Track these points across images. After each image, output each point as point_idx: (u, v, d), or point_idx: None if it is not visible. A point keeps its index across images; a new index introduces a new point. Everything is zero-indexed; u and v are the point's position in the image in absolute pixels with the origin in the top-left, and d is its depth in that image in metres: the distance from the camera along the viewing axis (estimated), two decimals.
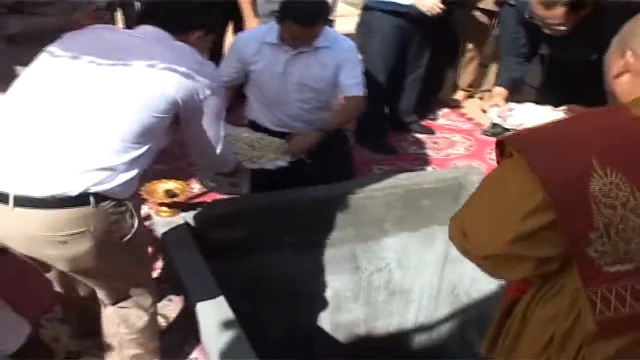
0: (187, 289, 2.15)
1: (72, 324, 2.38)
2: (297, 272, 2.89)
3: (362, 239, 2.99)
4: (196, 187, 3.46)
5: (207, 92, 1.90)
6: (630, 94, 1.16)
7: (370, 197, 2.89)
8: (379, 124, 4.32)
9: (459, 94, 5.19)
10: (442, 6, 3.85)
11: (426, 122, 4.73)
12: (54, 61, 1.84)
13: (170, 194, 2.51)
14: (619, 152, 1.08)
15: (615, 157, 1.07)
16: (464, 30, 4.95)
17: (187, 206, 2.67)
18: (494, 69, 4.82)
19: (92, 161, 1.70)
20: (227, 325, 1.96)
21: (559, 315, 1.17)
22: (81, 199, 1.69)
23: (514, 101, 3.09)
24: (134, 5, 3.70)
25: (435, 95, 4.99)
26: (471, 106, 5.08)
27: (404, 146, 4.34)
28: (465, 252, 1.21)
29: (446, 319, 3.29)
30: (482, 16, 4.86)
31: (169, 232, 2.43)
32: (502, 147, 1.19)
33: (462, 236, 1.20)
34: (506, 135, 1.22)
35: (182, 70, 1.83)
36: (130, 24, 3.85)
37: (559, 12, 2.60)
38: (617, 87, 1.19)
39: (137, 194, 1.93)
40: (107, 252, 1.80)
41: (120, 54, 1.83)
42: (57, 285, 2.17)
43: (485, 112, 3.06)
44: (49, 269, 2.03)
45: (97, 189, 1.70)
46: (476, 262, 1.20)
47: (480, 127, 4.65)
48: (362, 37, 4.05)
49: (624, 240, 1.07)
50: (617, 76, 1.18)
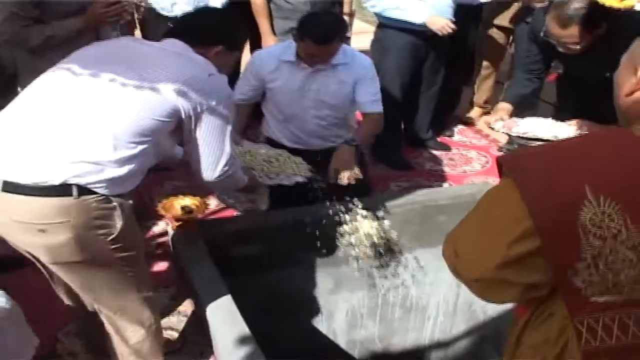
0: (203, 304, 2.15)
1: (84, 338, 2.39)
2: (313, 288, 2.89)
3: (378, 255, 2.98)
4: (213, 203, 3.48)
5: (212, 104, 1.90)
6: None
7: (387, 213, 2.89)
8: (395, 140, 4.33)
9: (475, 111, 5.19)
10: (453, 26, 3.89)
11: (442, 139, 4.74)
12: (63, 68, 1.91)
13: (186, 210, 2.53)
14: (616, 181, 1.05)
15: (611, 185, 1.04)
16: (480, 47, 4.96)
17: (203, 222, 2.69)
18: (501, 98, 4.82)
19: (78, 154, 1.75)
20: (243, 340, 1.95)
21: (548, 341, 1.15)
22: (63, 190, 1.73)
23: (523, 116, 3.10)
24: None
25: (451, 112, 5.00)
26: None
27: (420, 162, 4.35)
28: (455, 272, 1.20)
29: (462, 336, 3.26)
30: (498, 34, 4.88)
31: (185, 248, 2.44)
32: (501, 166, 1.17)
33: (455, 256, 1.18)
34: (502, 154, 1.21)
35: (187, 77, 1.86)
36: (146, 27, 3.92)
37: (574, 31, 2.60)
38: (628, 105, 1.14)
39: (138, 196, 1.95)
40: (88, 247, 1.81)
41: (130, 61, 1.89)
42: (65, 297, 2.18)
43: (490, 127, 3.05)
44: (52, 276, 2.05)
45: (78, 180, 1.74)
46: (466, 284, 1.19)
47: (496, 144, 4.65)
48: (377, 54, 4.09)
49: (613, 271, 1.05)
50: (629, 94, 1.14)
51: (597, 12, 2.57)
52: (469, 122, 5.12)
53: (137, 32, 4.13)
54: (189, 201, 2.58)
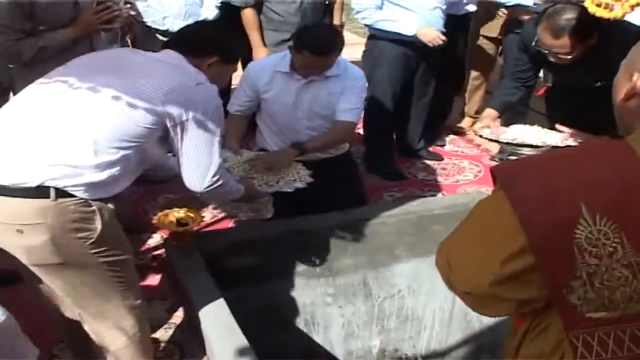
0: (200, 316, 2.15)
1: (71, 348, 2.37)
2: (310, 299, 2.88)
3: (374, 265, 2.98)
4: (208, 215, 3.47)
5: (198, 113, 1.90)
6: (638, 117, 1.11)
7: (382, 223, 2.89)
8: (388, 151, 4.35)
9: (466, 121, 5.22)
10: (444, 38, 3.92)
11: (434, 149, 4.76)
12: (52, 75, 1.93)
13: (182, 222, 2.52)
14: (612, 198, 1.02)
15: (607, 203, 1.01)
16: (470, 58, 5.00)
17: (198, 234, 2.68)
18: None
19: (57, 157, 1.76)
20: (242, 352, 1.94)
21: (544, 354, 1.13)
22: (41, 191, 1.75)
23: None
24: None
25: (442, 121, 5.02)
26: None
27: (413, 172, 4.36)
28: (449, 284, 1.17)
29: (458, 345, 3.27)
30: (488, 44, 4.92)
31: (181, 260, 2.43)
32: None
33: (448, 267, 1.16)
34: (496, 164, 1.17)
35: (174, 86, 1.87)
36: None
37: (566, 41, 2.63)
38: (625, 110, 1.13)
39: (132, 208, 1.95)
40: (67, 250, 1.82)
41: (120, 69, 1.91)
42: (53, 312, 2.15)
43: (477, 134, 3.05)
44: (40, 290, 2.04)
45: (55, 183, 1.75)
46: (459, 296, 1.16)
47: (488, 153, 4.67)
48: (368, 65, 4.11)
49: (609, 289, 1.02)
50: (625, 99, 1.12)
51: (588, 22, 2.60)
52: (461, 132, 5.15)
53: None
54: (184, 213, 2.58)
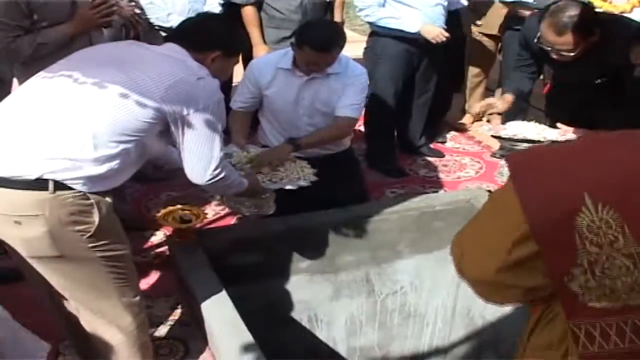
0: (204, 313, 2.15)
1: (74, 345, 2.37)
2: (313, 296, 2.89)
3: (376, 262, 2.99)
4: (210, 212, 3.48)
5: (199, 108, 1.91)
6: None
7: (384, 220, 2.90)
8: (389, 148, 4.35)
9: (467, 118, 5.22)
10: (447, 34, 3.92)
11: (435, 145, 4.76)
12: (54, 68, 1.94)
13: (184, 219, 2.53)
14: (615, 188, 1.03)
15: (610, 192, 1.03)
16: (469, 55, 5.00)
17: (201, 232, 2.69)
18: (500, 94, 4.86)
19: (56, 150, 1.77)
20: (246, 348, 1.95)
21: (552, 343, 1.15)
22: (39, 184, 1.76)
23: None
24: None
25: (441, 117, 5.01)
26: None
27: (415, 169, 4.36)
28: (460, 272, 1.20)
29: (461, 342, 3.27)
30: (487, 41, 4.92)
31: (184, 257, 2.44)
32: None
33: (461, 255, 1.19)
34: (510, 154, 1.19)
35: (175, 80, 1.87)
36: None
37: (569, 38, 2.63)
38: None
39: (135, 206, 1.95)
40: (64, 243, 1.82)
41: (123, 62, 1.91)
42: (48, 303, 2.15)
43: (477, 129, 3.07)
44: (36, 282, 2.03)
45: (54, 176, 1.76)
46: (469, 284, 1.19)
47: (489, 150, 4.67)
48: (370, 62, 4.10)
49: (610, 277, 1.04)
50: None
51: (590, 19, 2.60)
52: (461, 129, 5.15)
53: None
54: (187, 211, 2.58)
